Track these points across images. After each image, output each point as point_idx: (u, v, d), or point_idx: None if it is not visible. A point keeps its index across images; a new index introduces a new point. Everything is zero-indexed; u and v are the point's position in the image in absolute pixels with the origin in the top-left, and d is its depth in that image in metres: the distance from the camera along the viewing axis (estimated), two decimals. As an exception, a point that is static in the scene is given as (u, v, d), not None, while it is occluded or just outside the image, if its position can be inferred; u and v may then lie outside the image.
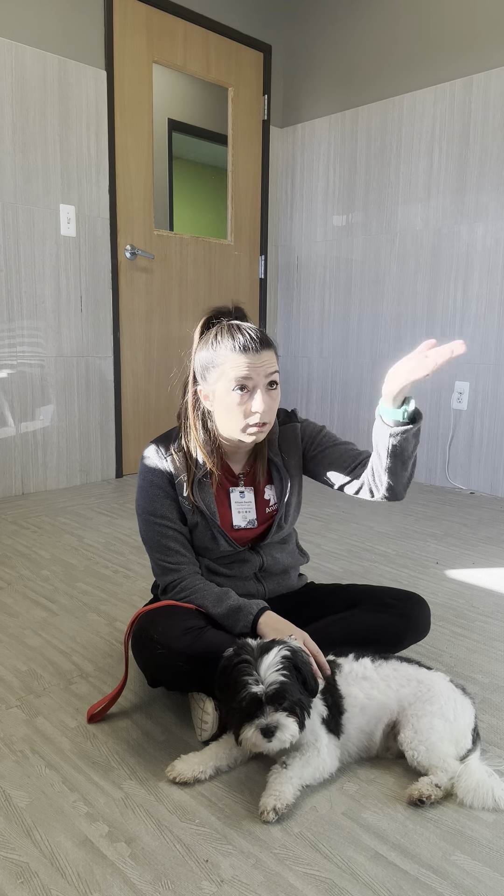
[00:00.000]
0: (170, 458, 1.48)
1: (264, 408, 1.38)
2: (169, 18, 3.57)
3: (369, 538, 2.74)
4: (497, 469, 3.46)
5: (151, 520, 1.49)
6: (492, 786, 1.19)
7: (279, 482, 1.55)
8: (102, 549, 2.55)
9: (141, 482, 1.51)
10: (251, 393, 1.39)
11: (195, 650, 1.32)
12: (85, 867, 1.05)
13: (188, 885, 1.02)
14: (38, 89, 3.12)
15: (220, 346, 1.39)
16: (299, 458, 1.58)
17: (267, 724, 1.15)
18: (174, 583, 1.47)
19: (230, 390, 1.39)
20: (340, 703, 1.28)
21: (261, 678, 1.16)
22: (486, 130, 3.31)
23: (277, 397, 1.43)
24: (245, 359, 1.37)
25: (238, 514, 1.52)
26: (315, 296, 4.18)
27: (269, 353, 1.40)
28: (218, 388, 1.41)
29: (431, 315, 3.63)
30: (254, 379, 1.38)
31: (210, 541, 1.50)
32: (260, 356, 1.38)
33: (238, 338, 1.38)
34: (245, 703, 1.16)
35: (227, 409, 1.41)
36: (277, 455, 1.55)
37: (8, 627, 1.88)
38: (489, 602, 2.13)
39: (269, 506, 1.56)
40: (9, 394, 3.21)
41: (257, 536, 1.56)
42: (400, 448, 1.38)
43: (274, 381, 1.41)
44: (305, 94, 4.08)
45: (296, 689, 1.17)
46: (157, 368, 3.81)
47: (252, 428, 1.41)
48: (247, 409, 1.39)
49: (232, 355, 1.38)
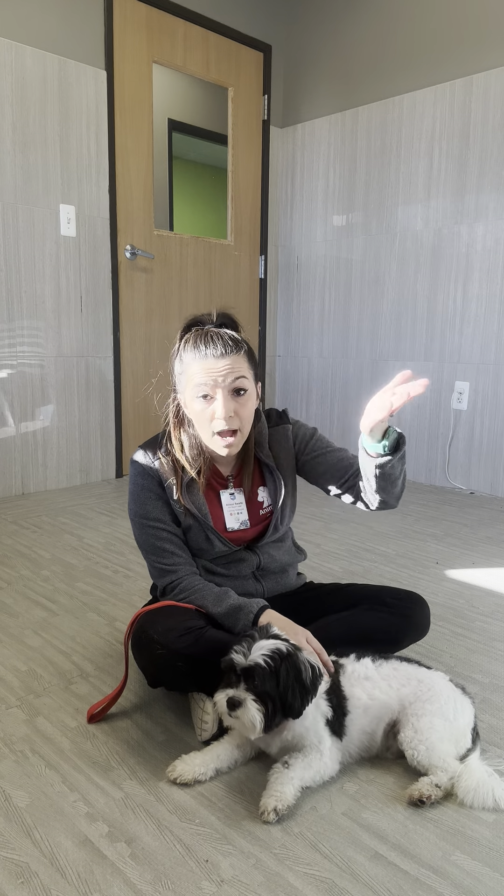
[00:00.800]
0: (157, 461, 1.48)
1: (225, 413, 1.36)
2: (169, 18, 3.57)
3: (369, 538, 2.74)
4: (497, 469, 3.46)
5: (144, 523, 1.48)
6: (492, 786, 1.19)
7: (272, 484, 1.55)
8: (102, 549, 2.55)
9: (132, 487, 1.51)
10: (213, 399, 1.38)
11: (195, 650, 1.32)
12: (85, 867, 1.05)
13: (188, 885, 1.02)
14: (38, 89, 3.12)
15: (185, 354, 1.39)
16: (292, 460, 1.57)
17: (233, 697, 1.16)
18: (172, 584, 1.47)
19: (195, 397, 1.39)
20: (344, 704, 1.28)
21: (247, 653, 1.17)
22: (486, 130, 3.31)
23: (247, 404, 1.41)
24: (205, 365, 1.36)
25: (230, 517, 1.52)
26: (315, 296, 4.18)
27: (236, 358, 1.37)
28: (186, 395, 1.42)
29: (431, 315, 3.63)
30: (214, 385, 1.36)
31: (205, 542, 1.50)
32: (221, 361, 1.36)
33: (200, 345, 1.37)
34: (224, 665, 1.19)
35: (195, 416, 1.42)
36: (269, 457, 1.54)
37: (8, 627, 1.88)
38: (489, 602, 2.13)
39: (263, 508, 1.56)
40: (9, 394, 3.21)
41: (253, 537, 1.56)
42: (387, 474, 1.40)
43: (241, 388, 1.39)
44: (305, 94, 4.08)
45: (271, 682, 1.15)
46: (157, 368, 3.81)
47: (218, 438, 1.40)
48: (210, 415, 1.39)
49: (194, 363, 1.37)
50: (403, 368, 1.31)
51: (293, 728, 1.22)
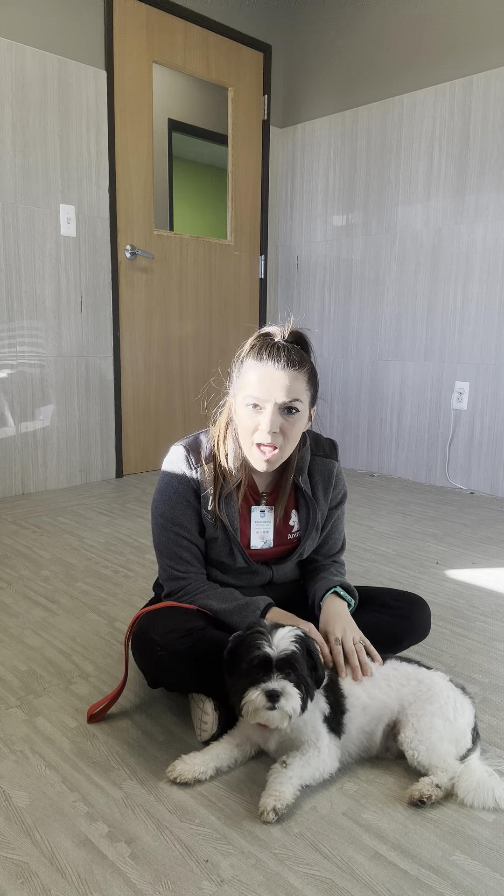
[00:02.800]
0: (199, 469, 1.44)
1: (270, 427, 1.33)
2: (169, 18, 3.57)
3: (369, 538, 2.74)
4: (497, 469, 3.46)
5: (169, 526, 1.46)
6: (492, 785, 1.19)
7: (305, 510, 1.52)
8: (102, 549, 2.55)
9: (163, 486, 1.47)
10: (262, 410, 1.35)
11: (196, 652, 1.32)
12: (85, 867, 1.05)
13: (188, 885, 1.02)
14: (38, 89, 3.12)
15: (247, 360, 1.37)
16: (329, 496, 1.55)
17: (273, 689, 1.13)
18: (178, 589, 1.47)
19: (244, 405, 1.37)
20: (342, 702, 1.28)
21: (273, 644, 1.16)
22: (486, 130, 3.31)
23: (296, 424, 1.37)
24: (262, 374, 1.34)
25: (256, 534, 1.50)
26: (315, 296, 4.18)
27: (296, 375, 1.34)
28: (237, 400, 1.40)
29: (431, 315, 3.63)
30: (266, 397, 1.34)
31: (227, 556, 1.48)
32: (278, 374, 1.33)
33: (263, 353, 1.35)
34: (256, 662, 1.15)
35: (240, 423, 1.39)
36: (307, 483, 1.51)
37: (8, 627, 1.88)
38: (489, 602, 2.13)
39: (292, 532, 1.54)
40: (9, 394, 3.21)
41: (274, 557, 1.55)
42: None
43: (293, 407, 1.35)
44: (305, 94, 4.08)
45: (305, 666, 1.17)
46: (157, 368, 3.81)
47: (256, 450, 1.37)
48: (255, 425, 1.36)
49: (252, 370, 1.35)
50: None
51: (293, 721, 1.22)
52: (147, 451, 3.82)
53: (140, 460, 3.80)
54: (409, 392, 3.75)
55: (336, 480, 1.55)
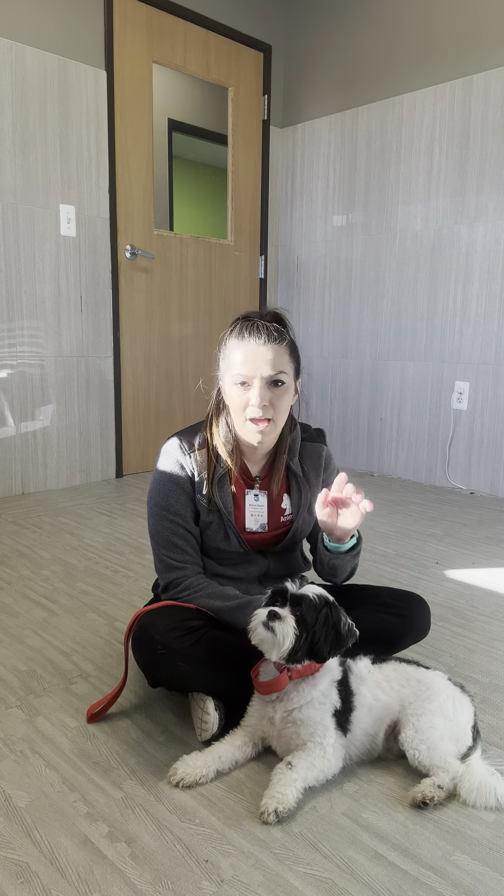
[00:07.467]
0: (192, 455, 1.47)
1: (259, 401, 1.38)
2: (169, 18, 3.57)
3: (369, 538, 2.74)
4: (497, 469, 3.46)
5: (164, 514, 1.48)
6: (494, 785, 1.19)
7: (297, 493, 1.54)
8: (102, 549, 2.55)
9: (158, 476, 1.50)
10: (250, 387, 1.39)
11: (196, 651, 1.32)
12: (85, 867, 1.05)
13: (188, 885, 1.02)
14: (38, 89, 3.12)
15: (230, 341, 1.42)
16: (319, 479, 1.57)
17: (277, 611, 1.20)
18: (177, 581, 1.47)
19: (233, 383, 1.40)
20: (351, 699, 1.28)
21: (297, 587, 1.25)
22: (486, 130, 3.31)
23: (283, 396, 1.42)
24: (245, 351, 1.38)
25: (250, 517, 1.52)
26: (315, 296, 4.18)
27: (277, 349, 1.39)
28: (225, 381, 1.43)
29: (431, 315, 3.63)
30: (252, 373, 1.38)
31: (223, 540, 1.49)
32: (261, 349, 1.37)
33: (244, 332, 1.39)
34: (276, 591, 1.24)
35: (231, 402, 1.43)
36: (298, 467, 1.54)
37: (8, 627, 1.88)
38: (489, 602, 2.13)
39: (285, 515, 1.55)
40: (9, 394, 3.20)
41: (268, 542, 1.55)
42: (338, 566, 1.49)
43: (279, 380, 1.40)
44: (305, 94, 4.08)
45: (312, 615, 1.21)
46: (157, 368, 3.81)
47: (251, 424, 1.41)
48: (245, 402, 1.40)
49: (236, 349, 1.39)
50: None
51: (302, 706, 1.23)
52: (147, 451, 3.82)
53: (140, 460, 3.80)
54: (409, 392, 3.75)
55: (326, 462, 1.59)
